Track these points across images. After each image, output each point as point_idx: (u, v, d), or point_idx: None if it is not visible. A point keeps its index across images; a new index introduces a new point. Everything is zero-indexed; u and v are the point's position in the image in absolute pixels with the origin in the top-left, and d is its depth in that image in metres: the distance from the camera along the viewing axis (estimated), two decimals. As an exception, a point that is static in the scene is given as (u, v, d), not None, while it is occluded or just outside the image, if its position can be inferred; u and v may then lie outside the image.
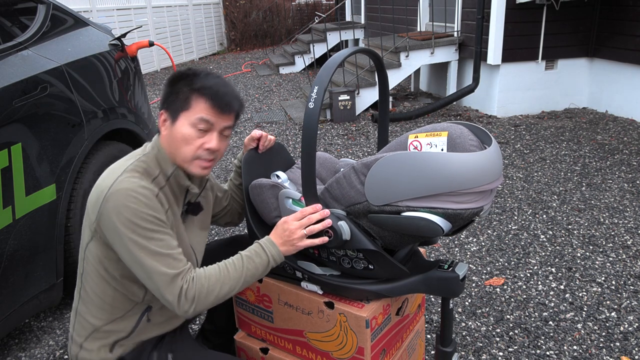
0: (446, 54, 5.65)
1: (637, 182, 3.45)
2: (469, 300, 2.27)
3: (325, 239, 1.27)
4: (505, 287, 2.36)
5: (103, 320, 1.32)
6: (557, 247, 2.68)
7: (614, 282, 2.35)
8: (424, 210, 1.16)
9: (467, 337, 2.04)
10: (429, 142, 1.26)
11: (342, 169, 1.30)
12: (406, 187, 1.16)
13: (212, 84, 1.25)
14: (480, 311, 2.19)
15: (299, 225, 1.27)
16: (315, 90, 1.16)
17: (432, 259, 2.01)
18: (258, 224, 1.48)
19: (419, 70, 6.66)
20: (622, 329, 2.04)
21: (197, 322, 2.19)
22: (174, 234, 1.26)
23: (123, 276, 1.29)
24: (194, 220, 1.43)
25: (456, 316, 2.17)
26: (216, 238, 2.91)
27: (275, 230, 1.30)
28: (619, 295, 2.26)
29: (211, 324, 1.75)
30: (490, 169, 1.16)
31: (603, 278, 2.39)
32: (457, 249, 2.72)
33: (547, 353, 1.93)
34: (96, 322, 1.32)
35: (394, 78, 5.58)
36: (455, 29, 5.68)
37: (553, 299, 2.25)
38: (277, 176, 1.50)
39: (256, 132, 1.57)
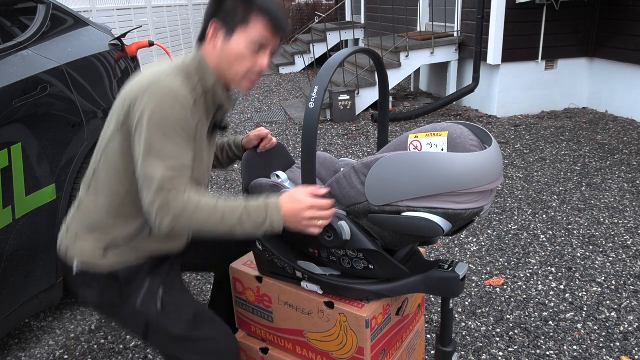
0: (446, 54, 5.65)
1: (637, 182, 3.45)
2: (469, 300, 2.27)
3: (317, 230, 1.22)
4: (505, 287, 2.36)
5: (106, 219, 1.30)
6: (557, 247, 2.69)
7: (614, 282, 2.35)
8: (424, 211, 1.16)
9: (467, 337, 2.04)
10: (429, 142, 1.26)
11: (342, 169, 1.30)
12: (406, 187, 1.16)
13: (271, 4, 1.24)
14: (480, 311, 2.19)
15: (311, 204, 1.20)
16: (315, 90, 1.16)
17: (432, 259, 2.01)
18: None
19: (419, 70, 6.66)
20: (622, 329, 2.04)
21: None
22: (192, 152, 1.23)
23: None
24: (212, 142, 1.41)
25: (456, 316, 2.17)
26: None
27: (286, 199, 1.22)
28: (619, 295, 2.26)
29: None
30: (490, 169, 1.16)
31: (603, 278, 2.39)
32: (457, 249, 2.72)
33: (547, 353, 1.93)
34: (99, 217, 1.30)
35: (394, 78, 5.58)
36: (455, 29, 5.68)
37: (553, 299, 2.25)
38: (277, 176, 1.51)
39: (263, 131, 1.57)
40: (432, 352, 1.97)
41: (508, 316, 2.15)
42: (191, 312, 1.37)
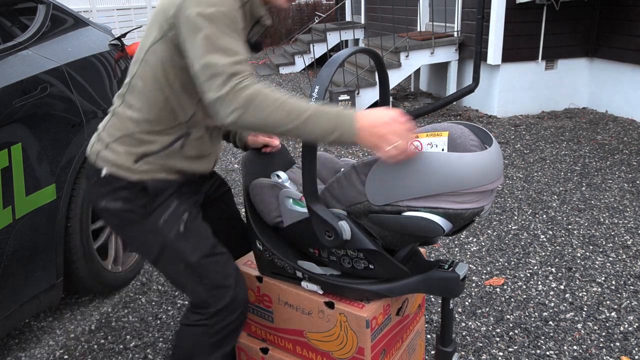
0: (446, 54, 5.65)
1: (637, 182, 3.45)
2: (469, 300, 2.27)
3: (393, 152, 1.10)
4: (505, 287, 2.36)
5: (140, 128, 1.29)
6: (557, 247, 2.69)
7: (614, 282, 2.35)
8: (425, 210, 1.16)
9: (467, 337, 2.04)
10: (429, 142, 1.26)
11: (342, 169, 1.30)
12: (407, 187, 1.16)
13: None
14: (480, 311, 2.19)
15: (390, 119, 1.10)
16: (316, 90, 1.16)
17: (432, 259, 2.01)
18: (258, 224, 1.48)
19: (419, 70, 6.66)
20: (622, 329, 2.04)
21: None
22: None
23: (182, 85, 1.25)
24: None
25: (456, 316, 2.17)
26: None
27: (364, 112, 1.12)
28: (619, 295, 2.26)
29: None
30: (491, 169, 1.16)
31: (603, 278, 2.39)
32: (457, 249, 2.72)
33: (547, 353, 1.93)
34: (132, 128, 1.30)
35: (394, 78, 5.58)
36: (455, 29, 5.68)
37: (553, 299, 2.25)
38: (278, 176, 1.51)
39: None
40: (432, 352, 1.97)
41: (508, 316, 2.15)
42: (209, 244, 1.37)
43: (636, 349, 1.94)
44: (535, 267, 2.51)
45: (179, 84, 1.25)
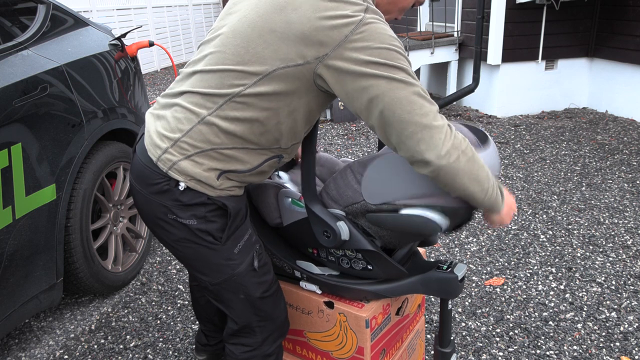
0: (446, 54, 5.65)
1: (637, 182, 3.45)
2: (469, 300, 2.27)
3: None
4: (505, 287, 2.36)
5: (236, 144, 1.15)
6: (557, 247, 2.68)
7: (614, 282, 2.35)
8: (421, 208, 1.16)
9: (467, 337, 2.04)
10: None
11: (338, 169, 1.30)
12: (403, 186, 1.16)
13: None
14: (480, 311, 2.19)
15: (511, 217, 1.28)
16: None
17: (431, 259, 2.01)
18: (257, 224, 1.48)
19: (419, 70, 6.66)
20: (622, 329, 2.04)
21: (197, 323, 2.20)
22: None
23: (304, 117, 1.16)
24: None
25: (456, 316, 2.17)
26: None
27: (508, 198, 1.26)
28: (619, 295, 2.26)
29: (206, 326, 1.73)
30: (489, 169, 1.16)
31: (603, 278, 2.39)
32: (457, 249, 2.72)
33: (547, 353, 1.93)
34: (227, 142, 1.14)
35: (394, 78, 5.57)
36: (455, 29, 5.68)
37: (553, 299, 2.25)
38: (279, 176, 1.50)
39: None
40: (432, 352, 1.97)
41: (508, 316, 2.15)
42: (270, 279, 1.33)
43: (636, 349, 1.94)
44: (535, 267, 2.51)
45: (302, 113, 1.14)
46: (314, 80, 1.08)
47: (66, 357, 2.05)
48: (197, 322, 2.18)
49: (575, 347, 1.95)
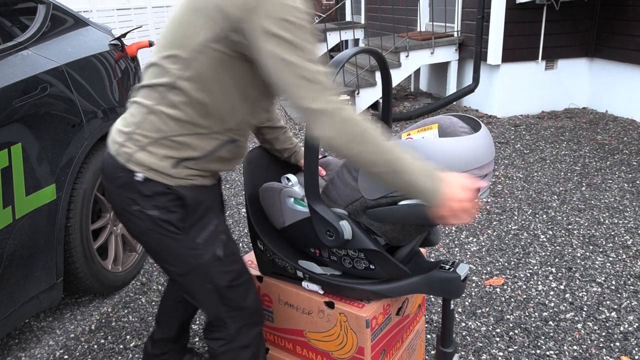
0: (446, 54, 5.65)
1: (637, 182, 3.45)
2: (469, 300, 2.27)
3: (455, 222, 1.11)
4: (505, 287, 2.36)
5: (184, 130, 1.18)
6: (557, 247, 2.68)
7: (614, 282, 2.35)
8: None
9: (467, 337, 2.04)
10: (421, 137, 1.27)
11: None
12: None
13: None
14: (480, 311, 2.19)
15: (469, 198, 1.09)
16: None
17: (432, 260, 2.01)
18: (259, 224, 1.48)
19: (419, 70, 6.66)
20: (622, 329, 2.04)
21: (197, 322, 2.19)
22: None
23: (238, 91, 1.17)
24: None
25: (456, 316, 2.17)
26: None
27: (447, 179, 1.09)
28: (619, 295, 2.26)
29: (161, 332, 1.72)
30: (481, 151, 1.15)
31: (603, 278, 2.39)
32: (457, 249, 2.72)
33: (547, 353, 1.93)
34: (176, 129, 1.18)
35: (394, 78, 5.58)
36: (455, 29, 5.68)
37: (553, 299, 2.25)
38: (288, 179, 1.50)
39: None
40: (433, 352, 1.97)
41: (508, 316, 2.15)
42: (239, 268, 1.33)
43: (636, 349, 1.94)
44: (535, 267, 2.51)
45: (234, 89, 1.17)
46: (235, 51, 1.11)
47: (66, 357, 2.04)
48: (196, 323, 2.18)
49: (575, 347, 1.95)
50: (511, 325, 2.10)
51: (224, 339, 1.35)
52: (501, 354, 1.94)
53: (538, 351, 1.94)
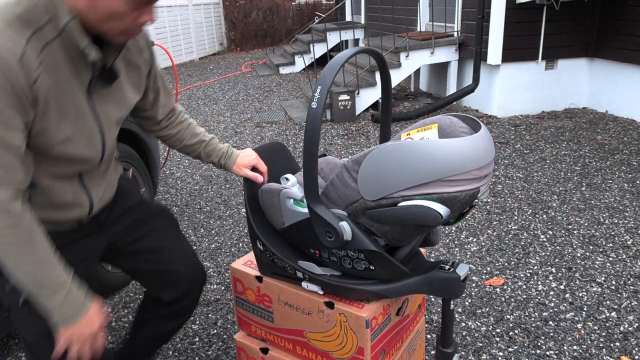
0: (446, 54, 5.65)
1: (637, 182, 3.45)
2: (469, 300, 2.27)
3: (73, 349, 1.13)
4: (505, 287, 2.36)
5: None
6: (557, 247, 2.69)
7: (614, 282, 2.35)
8: (419, 198, 1.15)
9: (467, 337, 2.04)
10: (421, 137, 1.26)
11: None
12: (398, 178, 1.15)
13: None
14: (480, 311, 2.19)
15: (88, 335, 1.12)
16: (318, 91, 1.16)
17: (432, 260, 2.01)
18: (259, 224, 1.48)
19: (419, 70, 6.66)
20: (622, 329, 2.04)
21: (197, 322, 2.20)
22: (22, 127, 0.98)
23: None
24: (110, 92, 1.15)
25: (456, 316, 2.17)
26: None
27: (88, 317, 1.13)
28: (619, 295, 2.26)
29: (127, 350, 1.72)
30: (481, 152, 1.15)
31: (603, 278, 2.39)
32: (457, 249, 2.72)
33: (547, 353, 1.93)
34: None
35: (394, 78, 5.59)
36: (455, 29, 5.69)
37: (553, 299, 2.25)
38: (287, 179, 1.50)
39: (253, 161, 1.53)
40: (433, 352, 1.97)
41: (508, 316, 2.15)
42: (47, 327, 1.19)
43: (636, 349, 1.94)
44: (535, 267, 2.51)
45: None
46: None
47: (66, 357, 2.04)
48: (196, 323, 2.18)
49: (575, 347, 1.95)
50: (511, 325, 2.10)
51: None
52: (501, 354, 1.94)
53: (538, 351, 1.94)
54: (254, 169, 1.56)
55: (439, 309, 2.23)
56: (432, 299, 2.30)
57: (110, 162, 1.35)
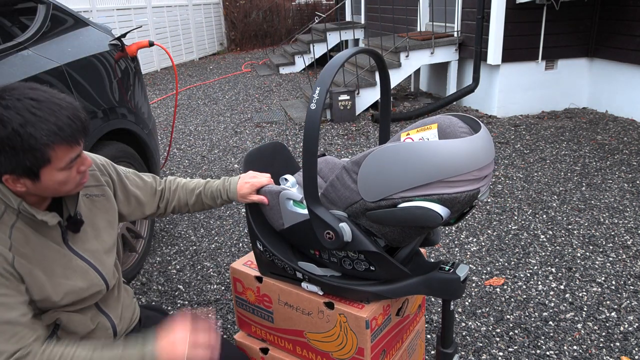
0: (446, 54, 5.65)
1: (637, 182, 3.45)
2: (469, 300, 2.27)
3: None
4: (505, 287, 2.36)
5: None
6: (557, 247, 2.69)
7: (614, 282, 2.35)
8: (419, 199, 1.15)
9: (467, 337, 2.04)
10: (420, 137, 1.26)
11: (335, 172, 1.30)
12: (398, 179, 1.15)
13: (54, 122, 1.03)
14: (480, 311, 2.19)
15: (183, 340, 1.15)
16: (317, 91, 1.16)
17: (432, 260, 2.01)
18: (259, 225, 1.48)
19: (419, 70, 6.66)
20: (622, 329, 2.04)
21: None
22: (17, 292, 1.10)
23: None
24: (85, 233, 1.26)
25: (456, 316, 2.17)
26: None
27: (164, 347, 1.16)
28: (619, 295, 2.26)
29: None
30: (481, 153, 1.15)
31: (603, 278, 2.39)
32: (457, 249, 2.72)
33: (547, 353, 1.93)
34: None
35: (394, 78, 5.58)
36: (455, 29, 5.68)
37: (553, 299, 2.25)
38: (286, 179, 1.50)
39: (257, 185, 1.48)
40: (433, 352, 1.97)
41: (508, 316, 2.15)
42: None
43: (636, 349, 1.94)
44: (535, 267, 2.51)
45: None
46: None
47: (66, 357, 2.04)
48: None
49: (575, 347, 1.95)
50: (511, 325, 2.10)
51: None
52: (501, 354, 1.94)
53: (538, 351, 1.94)
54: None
55: (439, 309, 2.23)
56: (432, 299, 2.30)
57: (119, 286, 1.41)
